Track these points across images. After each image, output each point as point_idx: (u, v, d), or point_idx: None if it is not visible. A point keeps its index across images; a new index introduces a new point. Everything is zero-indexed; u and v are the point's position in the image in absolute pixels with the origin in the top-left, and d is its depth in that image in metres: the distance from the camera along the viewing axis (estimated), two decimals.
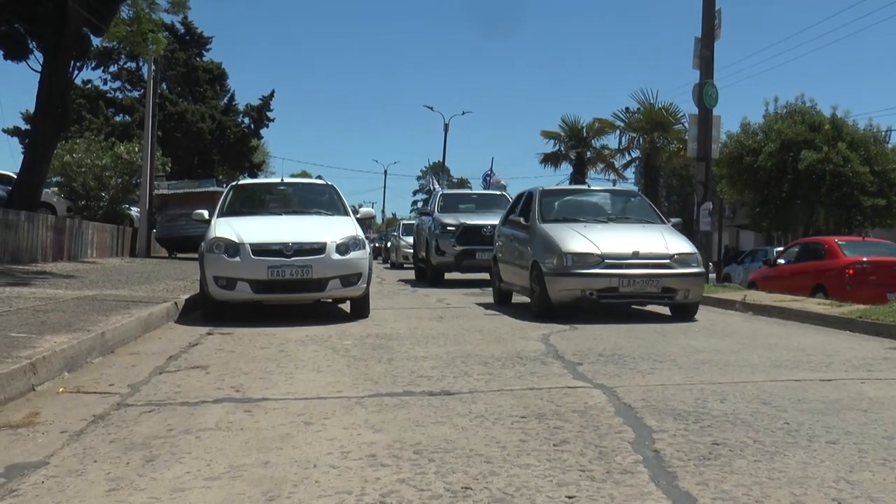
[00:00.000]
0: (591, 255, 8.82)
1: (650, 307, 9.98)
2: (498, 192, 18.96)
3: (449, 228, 15.23)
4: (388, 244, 32.74)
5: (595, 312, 9.14)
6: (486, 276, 14.11)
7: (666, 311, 9.63)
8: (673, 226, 10.11)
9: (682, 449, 3.44)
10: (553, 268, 8.93)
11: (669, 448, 3.46)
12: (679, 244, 9.23)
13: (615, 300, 8.88)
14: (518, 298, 11.01)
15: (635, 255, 8.84)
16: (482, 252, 14.26)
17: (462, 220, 15.29)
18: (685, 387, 4.85)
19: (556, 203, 10.60)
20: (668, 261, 8.89)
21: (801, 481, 3.01)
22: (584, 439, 3.61)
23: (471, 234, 14.94)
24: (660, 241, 9.19)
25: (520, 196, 11.70)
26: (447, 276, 16.25)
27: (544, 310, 9.00)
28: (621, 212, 10.62)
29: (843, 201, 26.29)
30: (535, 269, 9.30)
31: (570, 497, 2.85)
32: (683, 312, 9.25)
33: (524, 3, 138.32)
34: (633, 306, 9.80)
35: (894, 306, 8.71)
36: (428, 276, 16.08)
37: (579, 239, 9.08)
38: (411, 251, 22.95)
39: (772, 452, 3.40)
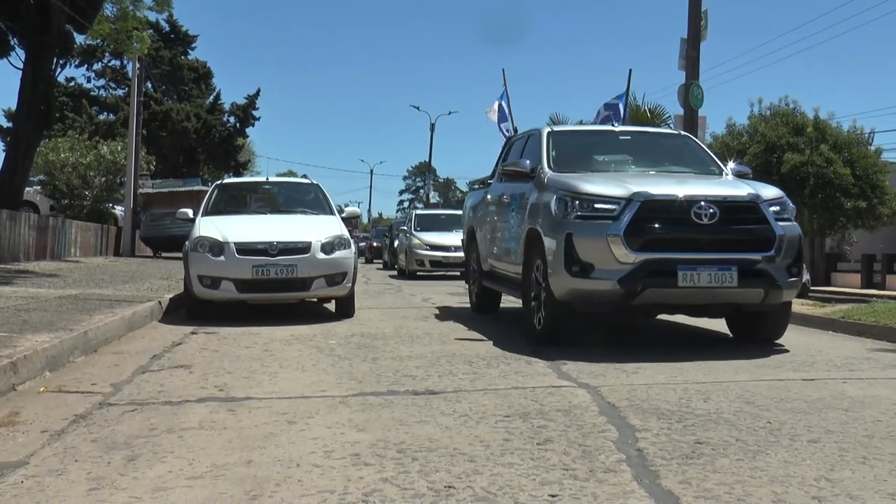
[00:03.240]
0: None
1: None
2: (675, 131, 10.02)
3: (602, 207, 6.40)
4: (395, 243, 23.08)
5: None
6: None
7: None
8: None
9: (665, 448, 3.45)
10: None
11: (652, 447, 3.47)
12: None
13: None
14: None
15: None
16: (698, 270, 6.18)
17: (636, 188, 6.41)
18: (669, 386, 4.87)
19: None
20: None
21: (783, 480, 3.03)
22: (568, 438, 3.62)
23: (664, 220, 6.32)
24: None
25: None
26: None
27: None
28: None
29: (825, 203, 26.50)
30: None
31: (553, 496, 2.85)
32: None
33: (522, 10, 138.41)
34: None
35: (875, 307, 8.77)
36: (539, 321, 6.84)
37: None
38: (430, 254, 19.07)
39: (754, 451, 3.42)
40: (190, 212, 9.96)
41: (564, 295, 6.41)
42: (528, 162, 7.77)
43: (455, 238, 18.57)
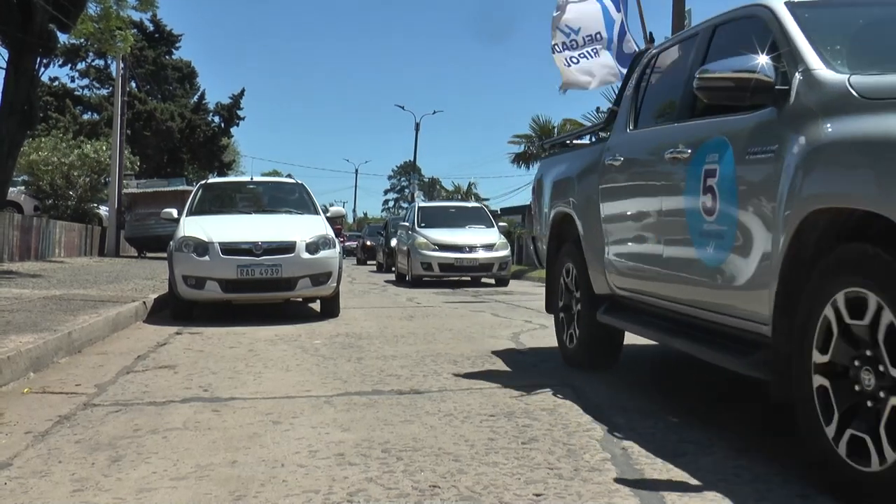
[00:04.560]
0: None
1: None
2: None
3: None
4: (393, 242, 19.61)
5: None
6: None
7: None
8: None
9: (649, 446, 3.47)
10: None
11: (637, 446, 3.49)
12: None
13: None
14: None
15: None
16: None
17: None
18: (653, 385, 4.89)
19: None
20: None
21: (767, 477, 3.05)
22: (553, 437, 3.63)
23: None
24: None
25: None
26: None
27: None
28: None
29: None
30: None
31: (537, 495, 2.86)
32: None
33: (512, 8, 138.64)
34: None
35: None
36: (852, 444, 2.62)
37: None
38: (439, 255, 15.43)
39: (738, 448, 3.44)
40: (174, 212, 9.94)
41: None
42: (763, 61, 3.32)
43: (470, 236, 15.93)
